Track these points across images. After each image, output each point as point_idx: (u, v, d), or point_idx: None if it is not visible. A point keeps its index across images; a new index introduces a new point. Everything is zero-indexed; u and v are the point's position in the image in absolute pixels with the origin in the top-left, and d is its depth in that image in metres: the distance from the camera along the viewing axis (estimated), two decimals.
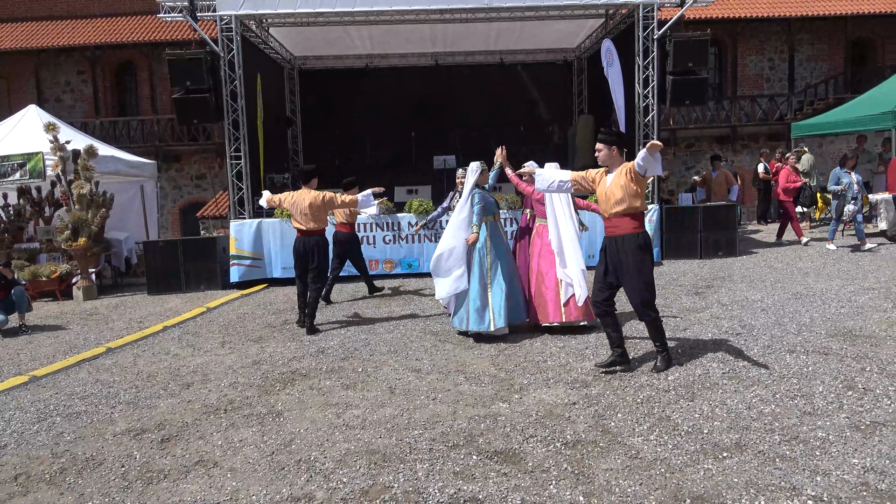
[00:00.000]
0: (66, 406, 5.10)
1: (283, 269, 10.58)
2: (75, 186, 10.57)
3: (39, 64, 21.48)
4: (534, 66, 15.67)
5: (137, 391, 5.37)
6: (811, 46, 21.68)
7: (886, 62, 20.96)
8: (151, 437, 4.35)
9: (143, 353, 6.65)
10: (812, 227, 13.80)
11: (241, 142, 10.78)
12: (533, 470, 3.60)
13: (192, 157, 21.89)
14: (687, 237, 10.95)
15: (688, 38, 10.67)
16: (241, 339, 7.03)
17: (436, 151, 13.39)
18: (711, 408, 4.32)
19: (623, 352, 5.20)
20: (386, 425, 4.32)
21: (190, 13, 10.31)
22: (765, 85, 21.79)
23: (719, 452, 3.69)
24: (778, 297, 7.45)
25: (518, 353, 5.87)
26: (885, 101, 12.22)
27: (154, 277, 10.54)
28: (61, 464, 4.03)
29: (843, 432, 3.85)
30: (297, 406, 4.78)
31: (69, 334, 7.85)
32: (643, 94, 10.83)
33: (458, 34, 13.29)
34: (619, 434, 4.00)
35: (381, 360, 5.88)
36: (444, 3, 10.74)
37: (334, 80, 15.24)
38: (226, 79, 10.56)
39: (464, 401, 4.70)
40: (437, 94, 15.38)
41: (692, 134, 21.30)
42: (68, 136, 11.32)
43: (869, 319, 6.26)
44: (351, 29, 12.64)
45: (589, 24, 13.20)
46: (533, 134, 15.68)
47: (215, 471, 3.81)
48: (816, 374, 4.84)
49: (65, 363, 6.35)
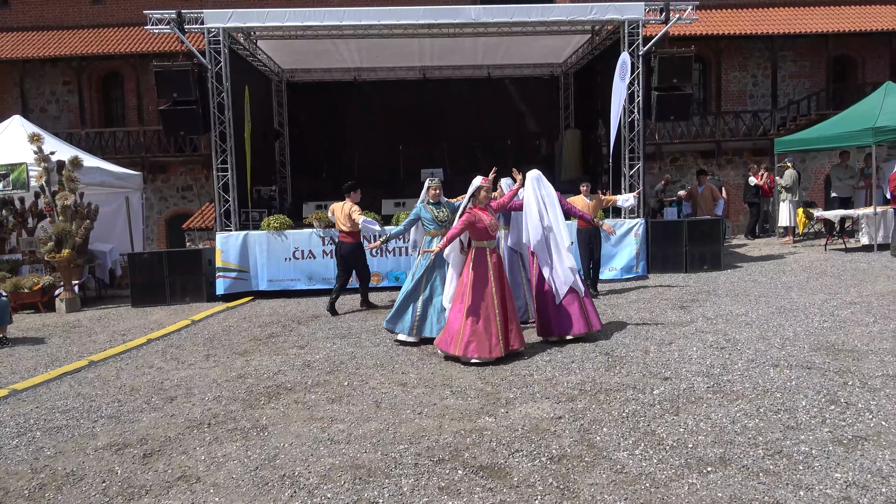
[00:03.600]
0: (47, 420, 5.03)
1: (269, 282, 10.54)
2: (59, 197, 10.49)
3: (24, 74, 21.32)
4: (521, 81, 15.79)
5: (120, 405, 5.31)
6: (794, 63, 22.02)
7: (867, 79, 21.32)
8: (133, 452, 4.30)
9: (126, 367, 6.58)
10: (795, 241, 13.95)
11: (228, 154, 10.76)
12: (518, 485, 3.60)
13: (179, 169, 21.78)
14: (672, 251, 11.03)
15: (672, 54, 10.81)
16: (225, 352, 6.98)
17: (423, 165, 13.45)
18: (696, 422, 4.34)
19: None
20: (371, 440, 4.30)
21: (178, 25, 10.31)
22: (748, 101, 22.09)
23: (704, 467, 3.70)
24: (762, 312, 7.52)
25: (504, 366, 5.86)
26: (865, 118, 12.41)
27: (138, 289, 10.45)
28: (41, 479, 3.97)
29: (825, 447, 3.87)
30: (282, 420, 4.75)
31: (51, 347, 7.76)
32: (629, 109, 10.93)
33: (445, 48, 13.38)
34: (604, 448, 4.00)
35: (367, 373, 5.86)
36: (432, 18, 10.82)
37: (322, 93, 15.28)
38: (213, 91, 10.55)
39: (450, 415, 4.69)
40: (425, 107, 15.46)
41: (677, 148, 21.52)
42: (53, 146, 11.24)
43: (851, 334, 6.33)
44: (339, 42, 12.69)
45: (575, 39, 13.34)
46: (520, 147, 15.78)
47: (198, 486, 3.77)
48: (800, 388, 4.88)
49: (46, 376, 6.27)
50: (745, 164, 18.69)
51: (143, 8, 11.65)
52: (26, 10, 21.83)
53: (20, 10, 21.85)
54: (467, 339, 5.92)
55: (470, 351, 5.91)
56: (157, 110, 11.11)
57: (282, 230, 10.56)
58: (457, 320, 6.06)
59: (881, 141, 12.13)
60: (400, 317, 6.86)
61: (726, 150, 21.56)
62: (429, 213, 7.11)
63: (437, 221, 7.06)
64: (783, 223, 14.29)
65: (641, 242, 10.72)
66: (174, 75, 10.25)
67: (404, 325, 6.83)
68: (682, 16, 10.80)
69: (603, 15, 10.81)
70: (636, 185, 10.94)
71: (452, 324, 6.10)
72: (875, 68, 21.63)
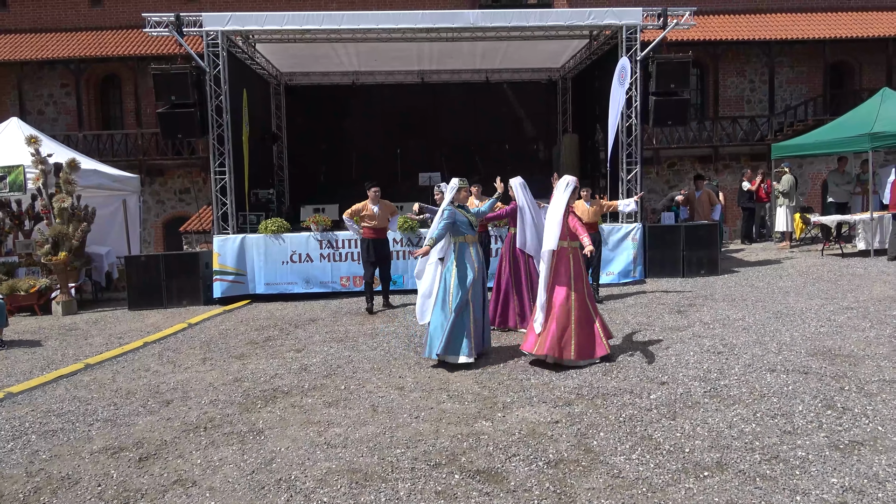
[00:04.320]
0: (42, 423, 5.01)
1: (266, 286, 10.52)
2: (56, 200, 10.47)
3: (22, 76, 21.29)
4: (519, 85, 15.82)
5: (116, 408, 5.29)
6: (791, 69, 22.10)
7: (864, 85, 21.40)
8: (129, 456, 4.29)
9: (122, 370, 6.56)
10: (792, 246, 13.97)
11: (226, 157, 10.75)
12: (515, 489, 3.59)
13: (176, 172, 21.76)
14: (669, 256, 11.03)
15: (670, 59, 10.84)
16: (222, 355, 6.97)
17: (421, 168, 13.44)
18: (693, 427, 4.34)
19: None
20: (368, 444, 4.29)
21: (176, 28, 10.32)
22: (745, 106, 22.15)
23: (700, 472, 3.70)
24: (759, 316, 7.52)
25: (501, 370, 5.86)
26: (862, 124, 12.45)
27: (135, 292, 10.42)
28: (35, 483, 3.95)
29: (822, 452, 3.88)
30: (279, 424, 4.74)
31: (47, 350, 7.73)
32: (626, 114, 10.96)
33: (444, 52, 13.40)
34: (601, 453, 4.00)
35: (364, 377, 5.85)
36: (431, 22, 10.83)
37: (321, 96, 15.29)
38: (211, 94, 10.55)
39: (447, 419, 4.68)
40: (423, 111, 15.48)
41: (675, 153, 21.56)
42: (50, 149, 11.21)
43: (848, 339, 6.34)
44: (338, 46, 12.70)
45: (573, 44, 13.37)
46: (518, 152, 15.81)
47: (194, 490, 3.76)
48: (796, 393, 4.88)
49: (42, 379, 6.25)
50: (743, 170, 18.71)
51: (141, 10, 11.68)
52: (24, 12, 21.81)
53: (18, 11, 21.83)
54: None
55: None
56: (155, 113, 11.09)
57: (279, 233, 10.55)
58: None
59: (878, 146, 12.16)
60: (456, 339, 6.04)
61: (723, 156, 21.61)
62: (464, 217, 6.31)
63: (471, 226, 6.36)
64: (780, 228, 14.32)
65: (639, 247, 10.73)
66: (172, 78, 10.25)
67: (462, 346, 6.04)
68: (679, 21, 10.84)
69: (601, 20, 10.83)
70: (634, 191, 10.95)
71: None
72: (872, 74, 21.71)
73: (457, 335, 6.03)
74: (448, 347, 6.01)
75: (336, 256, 10.48)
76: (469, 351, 6.02)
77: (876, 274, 10.00)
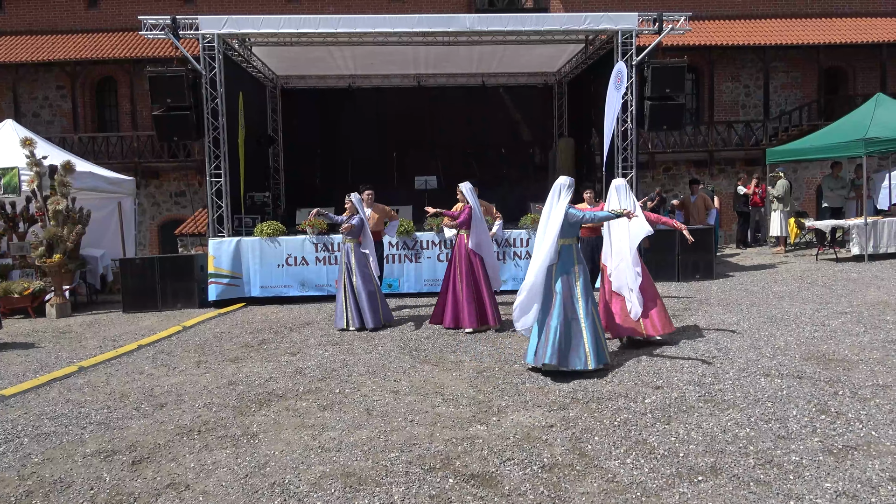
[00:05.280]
0: (35, 426, 4.99)
1: (261, 288, 10.50)
2: (51, 202, 10.43)
3: (18, 78, 21.25)
4: (515, 89, 15.86)
5: (109, 411, 5.27)
6: (785, 74, 22.21)
7: (858, 91, 21.54)
8: (122, 459, 4.27)
9: (116, 373, 6.53)
10: (787, 251, 14.01)
11: (222, 159, 10.73)
12: (510, 493, 3.59)
13: (172, 174, 21.73)
14: (664, 260, 11.05)
15: (665, 64, 10.88)
16: (217, 358, 6.95)
17: (417, 172, 13.44)
18: (687, 431, 4.34)
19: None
20: (362, 447, 4.28)
21: (172, 31, 10.31)
22: (740, 111, 22.24)
23: (695, 476, 3.70)
24: (753, 321, 7.54)
25: (496, 374, 5.86)
26: (856, 129, 12.51)
27: (130, 295, 10.39)
28: (28, 486, 3.93)
29: (816, 456, 3.88)
30: (273, 428, 4.73)
31: (40, 352, 7.70)
32: (622, 119, 10.99)
33: (440, 56, 13.42)
34: (595, 457, 4.00)
35: (358, 381, 5.84)
36: (427, 26, 10.85)
37: (317, 99, 15.28)
38: (207, 96, 10.54)
39: (441, 423, 4.68)
40: (419, 115, 15.49)
41: (670, 158, 21.64)
42: (45, 151, 11.18)
43: (842, 343, 6.36)
44: (334, 49, 12.70)
45: (569, 48, 13.40)
46: (514, 156, 15.83)
47: (187, 494, 3.74)
48: (790, 397, 4.89)
49: (35, 382, 6.22)
50: (738, 174, 18.79)
51: (137, 13, 11.66)
52: (20, 15, 21.77)
53: (14, 14, 21.79)
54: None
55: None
56: (151, 116, 11.07)
57: (275, 236, 10.53)
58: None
59: (871, 152, 12.23)
60: (574, 349, 5.69)
61: (719, 160, 21.70)
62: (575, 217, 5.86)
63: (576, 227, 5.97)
64: (775, 233, 14.36)
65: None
66: (168, 81, 10.24)
67: (580, 357, 5.66)
68: (675, 26, 10.88)
69: (597, 25, 10.87)
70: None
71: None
72: (866, 80, 21.84)
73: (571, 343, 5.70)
74: (565, 357, 5.67)
75: (331, 260, 10.47)
76: (584, 362, 5.67)
77: (870, 279, 10.04)
